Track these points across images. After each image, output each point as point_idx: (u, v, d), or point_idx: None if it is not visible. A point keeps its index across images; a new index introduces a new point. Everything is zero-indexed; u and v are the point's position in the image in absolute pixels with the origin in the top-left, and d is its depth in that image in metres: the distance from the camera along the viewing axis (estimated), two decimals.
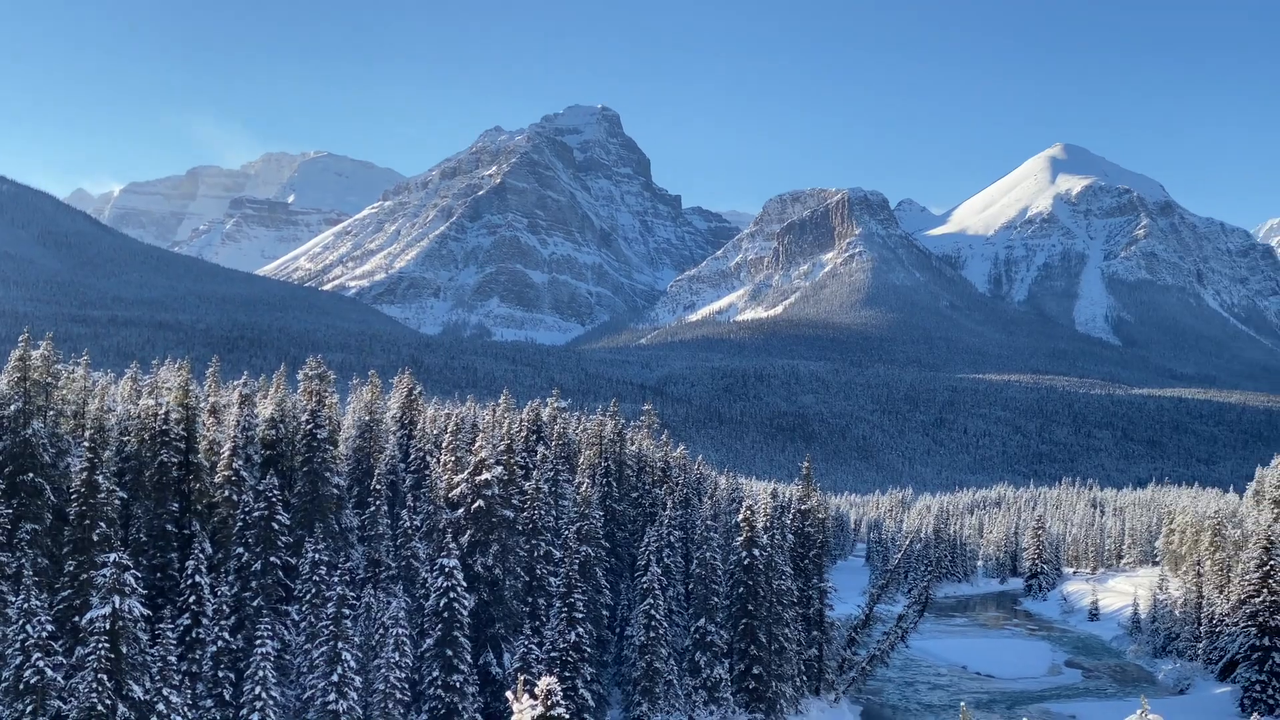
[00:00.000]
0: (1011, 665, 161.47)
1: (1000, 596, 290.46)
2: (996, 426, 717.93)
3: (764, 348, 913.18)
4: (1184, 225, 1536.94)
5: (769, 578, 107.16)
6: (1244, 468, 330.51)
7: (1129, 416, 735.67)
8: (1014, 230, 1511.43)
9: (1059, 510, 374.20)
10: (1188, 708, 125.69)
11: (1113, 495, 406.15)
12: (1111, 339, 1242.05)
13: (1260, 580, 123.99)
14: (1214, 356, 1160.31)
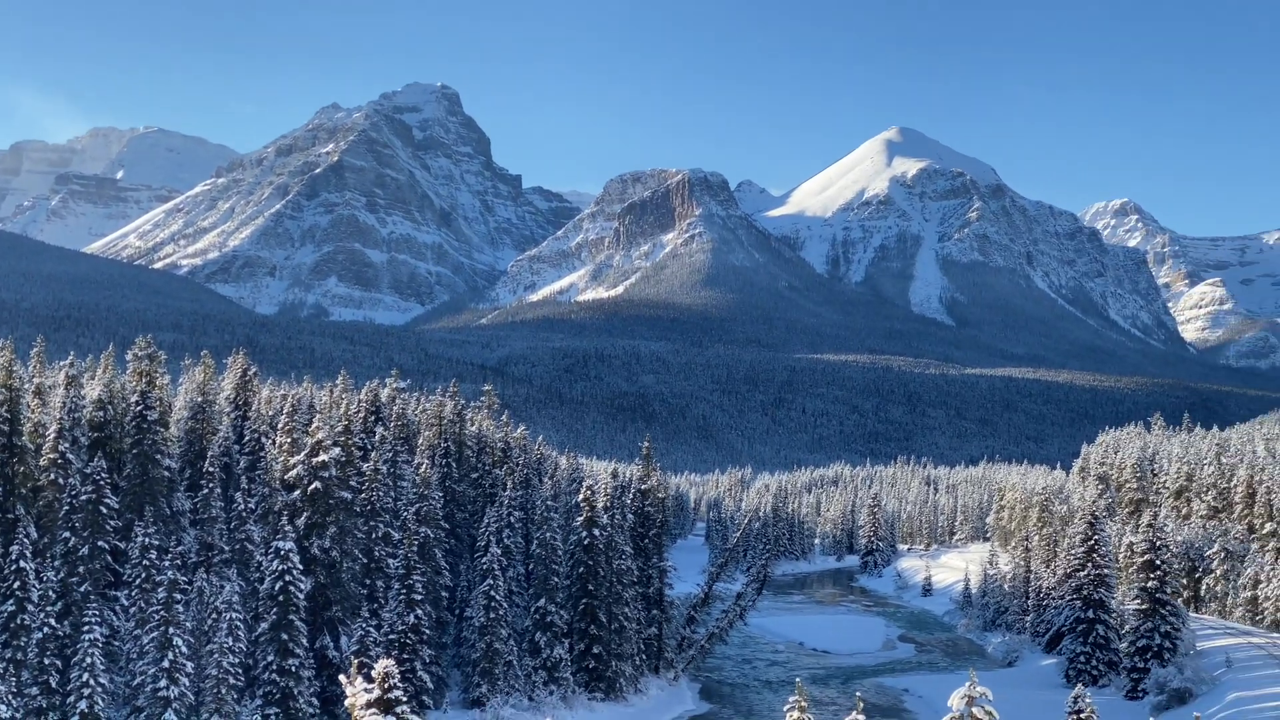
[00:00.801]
0: (847, 641, 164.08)
1: (837, 573, 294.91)
2: (834, 406, 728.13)
3: (605, 328, 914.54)
4: (1015, 208, 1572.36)
5: (609, 557, 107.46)
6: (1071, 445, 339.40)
7: (962, 395, 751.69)
8: (851, 212, 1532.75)
9: (894, 488, 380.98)
10: (1015, 679, 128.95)
11: (946, 473, 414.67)
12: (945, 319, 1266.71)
13: (1085, 554, 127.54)
14: (1043, 337, 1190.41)
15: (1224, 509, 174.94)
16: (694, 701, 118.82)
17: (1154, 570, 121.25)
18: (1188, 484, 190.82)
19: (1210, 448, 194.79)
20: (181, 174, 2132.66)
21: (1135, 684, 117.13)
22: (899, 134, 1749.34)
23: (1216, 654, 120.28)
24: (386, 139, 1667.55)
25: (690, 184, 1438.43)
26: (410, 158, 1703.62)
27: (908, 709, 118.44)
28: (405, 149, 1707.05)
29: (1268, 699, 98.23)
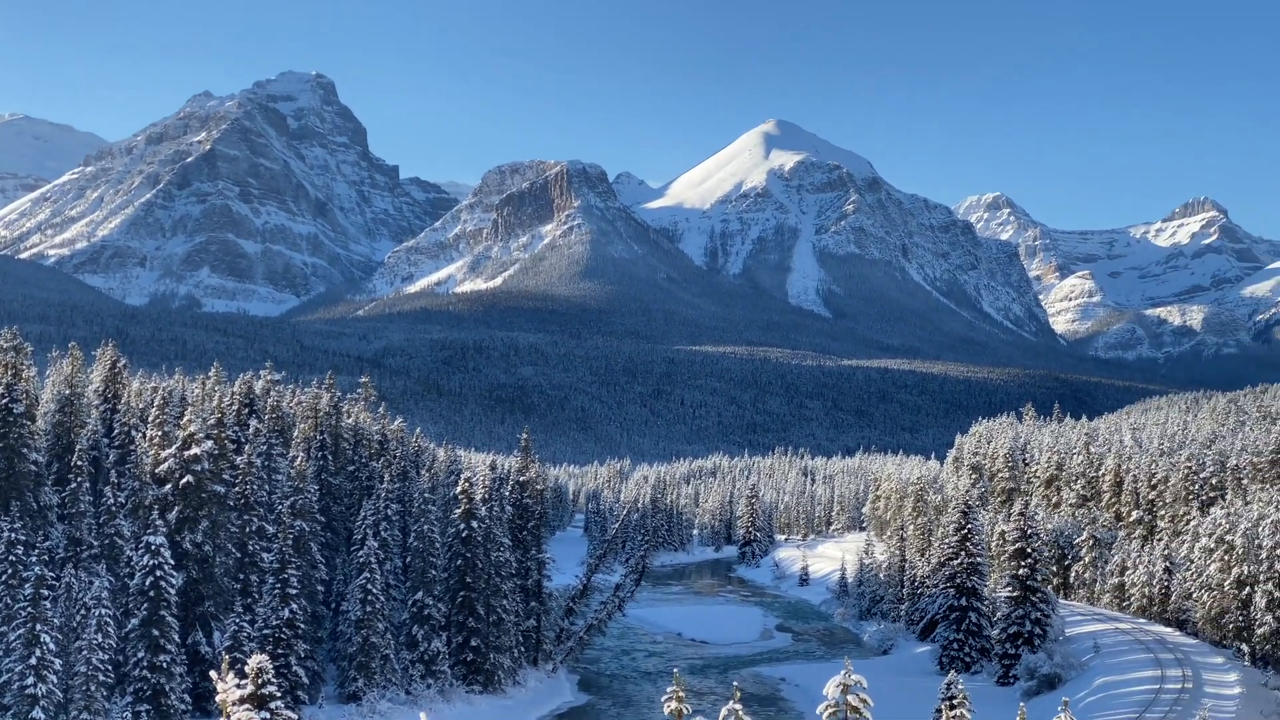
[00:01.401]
0: (725, 631, 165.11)
1: (715, 564, 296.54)
2: (712, 397, 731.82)
3: (483, 320, 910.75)
4: (890, 201, 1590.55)
5: (487, 550, 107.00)
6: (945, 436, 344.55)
7: (839, 387, 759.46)
8: (729, 204, 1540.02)
9: (772, 479, 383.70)
10: (890, 667, 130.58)
11: (823, 463, 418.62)
12: (823, 311, 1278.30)
13: (959, 543, 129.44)
14: (918, 328, 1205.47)
15: (1093, 497, 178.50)
16: (572, 693, 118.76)
17: (1025, 558, 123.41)
18: (1058, 473, 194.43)
19: (1079, 437, 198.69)
20: (48, 162, 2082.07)
21: (1007, 670, 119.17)
22: (776, 127, 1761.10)
23: (1085, 640, 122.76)
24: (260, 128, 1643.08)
25: (569, 175, 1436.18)
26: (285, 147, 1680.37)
27: (785, 698, 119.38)
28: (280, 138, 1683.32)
29: (1133, 683, 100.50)
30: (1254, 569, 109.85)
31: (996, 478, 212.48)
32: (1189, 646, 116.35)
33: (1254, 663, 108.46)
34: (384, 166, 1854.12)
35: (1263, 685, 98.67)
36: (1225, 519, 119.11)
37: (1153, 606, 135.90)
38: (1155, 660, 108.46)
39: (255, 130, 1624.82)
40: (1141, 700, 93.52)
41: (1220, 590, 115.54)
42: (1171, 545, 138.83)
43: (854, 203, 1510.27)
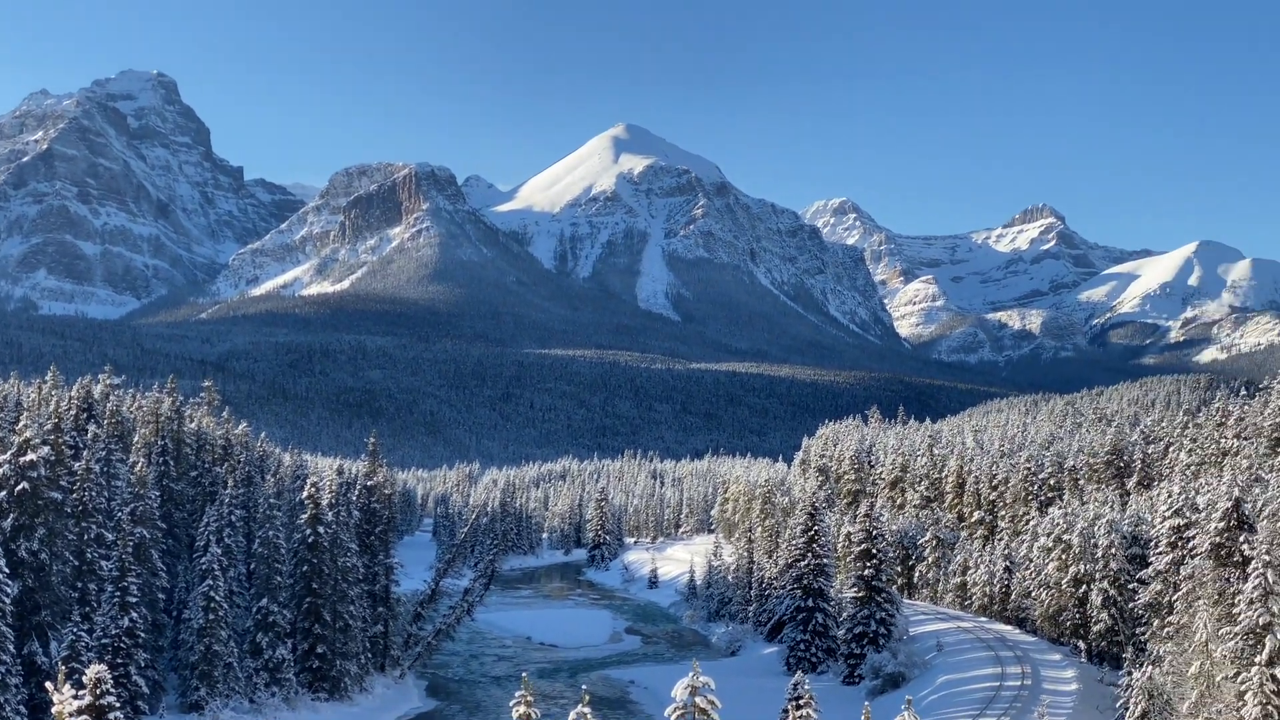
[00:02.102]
0: (574, 634, 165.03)
1: (565, 567, 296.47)
2: (562, 401, 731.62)
3: (330, 323, 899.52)
4: (739, 206, 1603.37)
5: (334, 555, 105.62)
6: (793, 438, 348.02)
7: (688, 390, 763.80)
8: (579, 208, 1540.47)
9: (621, 482, 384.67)
10: (738, 668, 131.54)
11: (672, 466, 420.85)
12: (672, 315, 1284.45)
13: (806, 545, 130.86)
14: (766, 332, 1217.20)
15: (936, 498, 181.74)
16: (420, 699, 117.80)
17: (870, 559, 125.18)
18: (902, 475, 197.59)
19: (923, 440, 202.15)
20: None
21: (852, 669, 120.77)
22: (625, 131, 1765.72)
23: (929, 638, 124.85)
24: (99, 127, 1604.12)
25: (417, 178, 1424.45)
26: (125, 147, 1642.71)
27: (633, 700, 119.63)
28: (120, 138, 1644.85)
29: (974, 680, 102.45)
30: (1090, 568, 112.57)
31: (843, 479, 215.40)
32: (1028, 644, 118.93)
33: (1090, 659, 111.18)
34: (228, 168, 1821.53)
35: (1098, 681, 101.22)
36: (1063, 519, 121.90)
37: (994, 605, 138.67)
38: (996, 658, 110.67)
39: (94, 130, 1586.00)
40: (983, 697, 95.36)
41: (1058, 589, 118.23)
42: (1012, 545, 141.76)
43: (703, 207, 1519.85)
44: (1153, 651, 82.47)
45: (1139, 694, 73.56)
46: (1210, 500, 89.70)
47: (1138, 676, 75.47)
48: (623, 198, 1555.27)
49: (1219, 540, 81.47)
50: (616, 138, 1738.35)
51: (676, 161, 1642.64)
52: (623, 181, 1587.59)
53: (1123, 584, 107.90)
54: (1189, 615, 73.85)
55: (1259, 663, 53.54)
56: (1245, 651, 56.13)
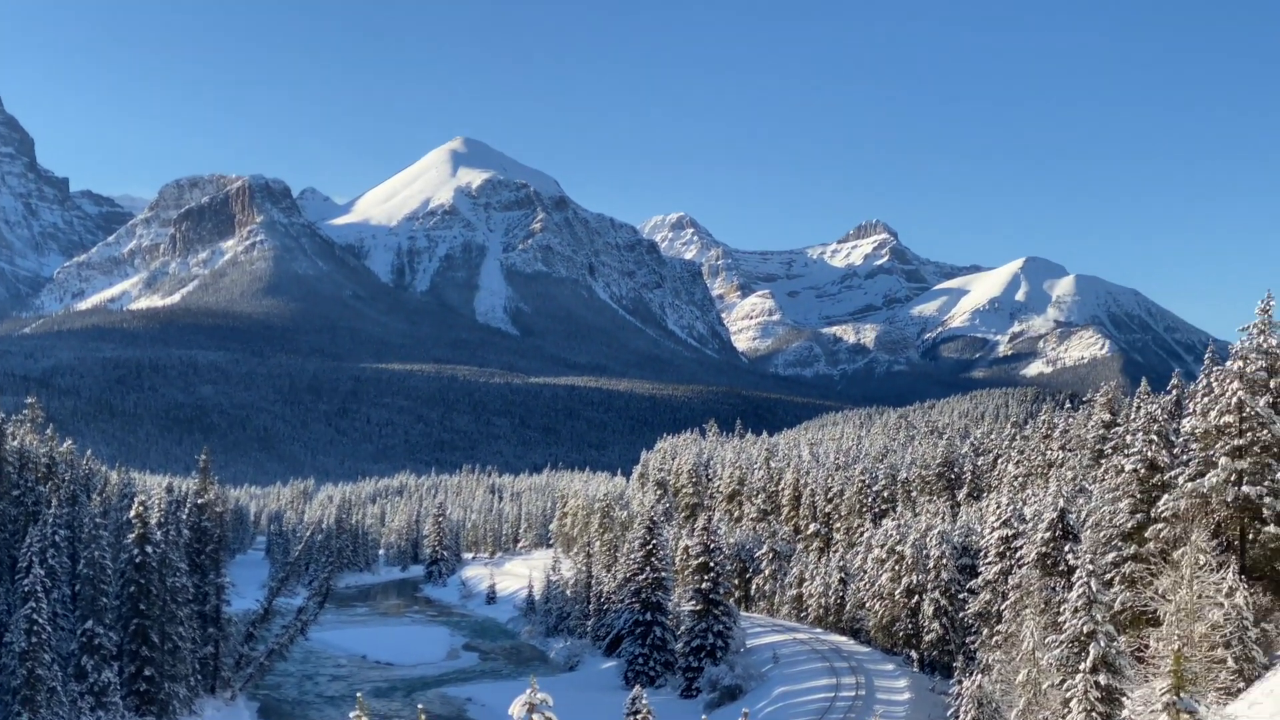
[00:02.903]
0: (411, 652, 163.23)
1: (402, 584, 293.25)
2: (400, 415, 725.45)
3: (160, 337, 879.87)
4: (577, 220, 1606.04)
5: (163, 575, 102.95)
6: (631, 452, 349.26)
7: (526, 404, 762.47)
8: (417, 221, 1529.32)
9: (460, 497, 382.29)
10: (576, 683, 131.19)
11: (511, 481, 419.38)
12: (510, 329, 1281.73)
13: (644, 559, 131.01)
14: (604, 346, 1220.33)
15: (773, 511, 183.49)
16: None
17: (708, 572, 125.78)
18: (740, 488, 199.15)
19: (760, 453, 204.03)
20: None
21: (690, 683, 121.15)
22: (464, 144, 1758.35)
23: (765, 650, 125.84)
24: None
25: (251, 190, 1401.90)
26: None
27: (471, 717, 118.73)
28: None
29: (809, 692, 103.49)
30: (922, 578, 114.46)
31: (681, 493, 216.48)
32: (863, 654, 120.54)
33: (922, 668, 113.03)
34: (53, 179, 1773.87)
35: (930, 690, 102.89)
36: (896, 530, 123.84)
37: (829, 616, 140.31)
38: (831, 669, 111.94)
39: None
40: (818, 708, 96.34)
41: (891, 599, 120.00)
42: (847, 556, 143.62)
43: (541, 221, 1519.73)
44: (982, 660, 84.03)
45: (969, 702, 74.79)
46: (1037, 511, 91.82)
47: (968, 685, 76.76)
48: (461, 211, 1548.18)
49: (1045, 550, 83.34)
50: (455, 151, 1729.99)
51: (515, 175, 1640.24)
52: (461, 195, 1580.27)
53: (953, 594, 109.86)
54: (1017, 624, 75.34)
55: (1083, 670, 54.67)
56: (1070, 659, 57.31)
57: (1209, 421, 62.95)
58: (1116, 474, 76.64)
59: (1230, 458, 60.74)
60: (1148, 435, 72.41)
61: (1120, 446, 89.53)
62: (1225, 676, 49.81)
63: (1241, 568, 59.54)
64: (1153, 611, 57.15)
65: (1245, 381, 61.83)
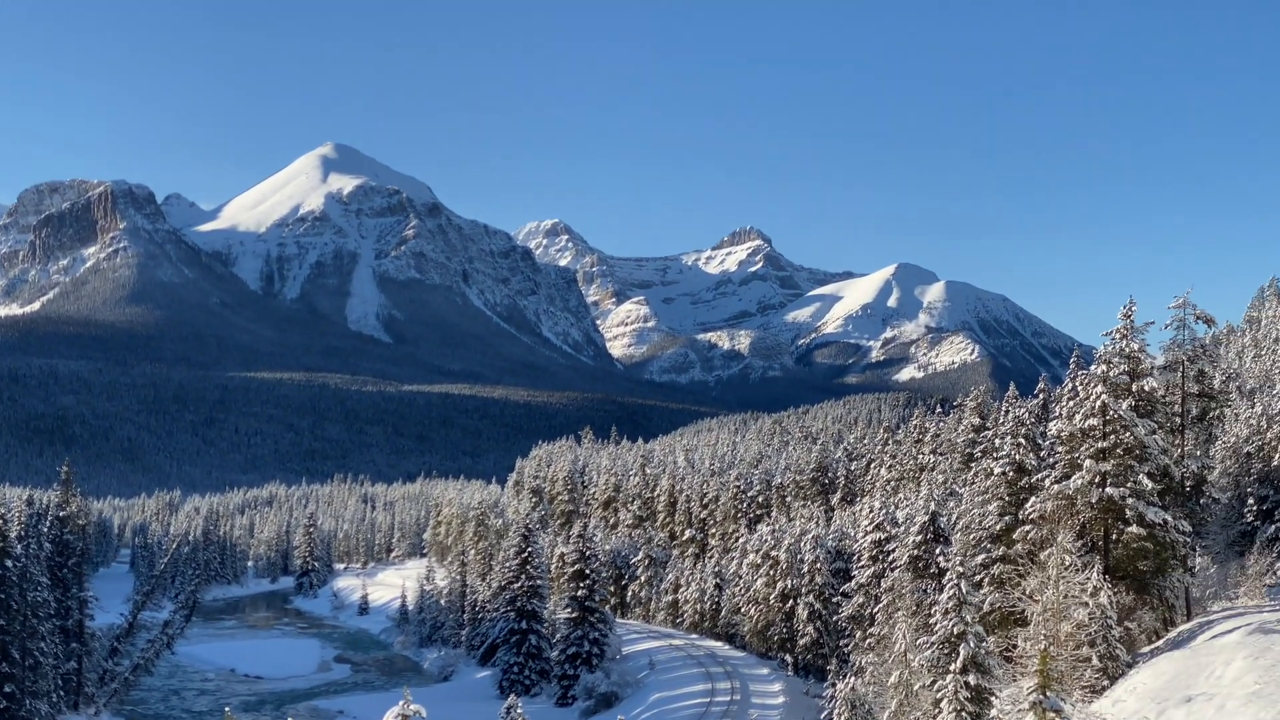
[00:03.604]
0: (281, 665, 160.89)
1: (272, 596, 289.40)
2: (269, 425, 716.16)
3: (19, 346, 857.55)
4: (451, 227, 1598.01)
5: (23, 590, 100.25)
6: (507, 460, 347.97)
7: (400, 412, 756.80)
8: (286, 228, 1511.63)
9: (331, 506, 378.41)
10: (451, 694, 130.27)
11: (384, 490, 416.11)
12: (383, 336, 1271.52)
13: (519, 566, 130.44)
14: (479, 353, 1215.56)
15: (649, 517, 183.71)
16: None
17: (584, 579, 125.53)
18: (616, 494, 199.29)
19: (636, 459, 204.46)
20: None
21: (566, 691, 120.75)
22: (334, 150, 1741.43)
23: (641, 657, 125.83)
24: None
25: (114, 196, 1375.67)
26: None
27: None
28: None
29: (685, 698, 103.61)
30: (797, 582, 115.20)
31: (557, 500, 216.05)
32: (738, 659, 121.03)
33: (796, 672, 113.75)
34: None
35: (804, 694, 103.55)
36: (771, 535, 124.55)
37: (705, 622, 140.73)
38: (707, 674, 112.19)
39: None
40: (693, 714, 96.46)
41: (766, 604, 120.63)
42: (722, 562, 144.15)
43: (414, 228, 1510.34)
44: (855, 662, 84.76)
45: (842, 705, 75.35)
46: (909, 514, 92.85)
47: (841, 687, 77.33)
48: (332, 218, 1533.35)
49: (916, 553, 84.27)
50: (325, 157, 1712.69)
51: (387, 181, 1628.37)
52: (332, 201, 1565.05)
53: (828, 598, 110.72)
54: (889, 626, 76.10)
55: (953, 670, 55.26)
56: (941, 660, 57.92)
57: (1074, 425, 63.95)
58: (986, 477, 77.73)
59: (1095, 460, 61.75)
60: (1015, 439, 73.51)
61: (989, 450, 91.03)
62: (1090, 675, 50.56)
63: (1105, 568, 60.55)
64: (1021, 612, 57.88)
65: (1109, 385, 62.91)
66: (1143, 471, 61.53)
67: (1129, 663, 55.27)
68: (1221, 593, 74.21)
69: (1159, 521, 61.17)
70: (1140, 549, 62.01)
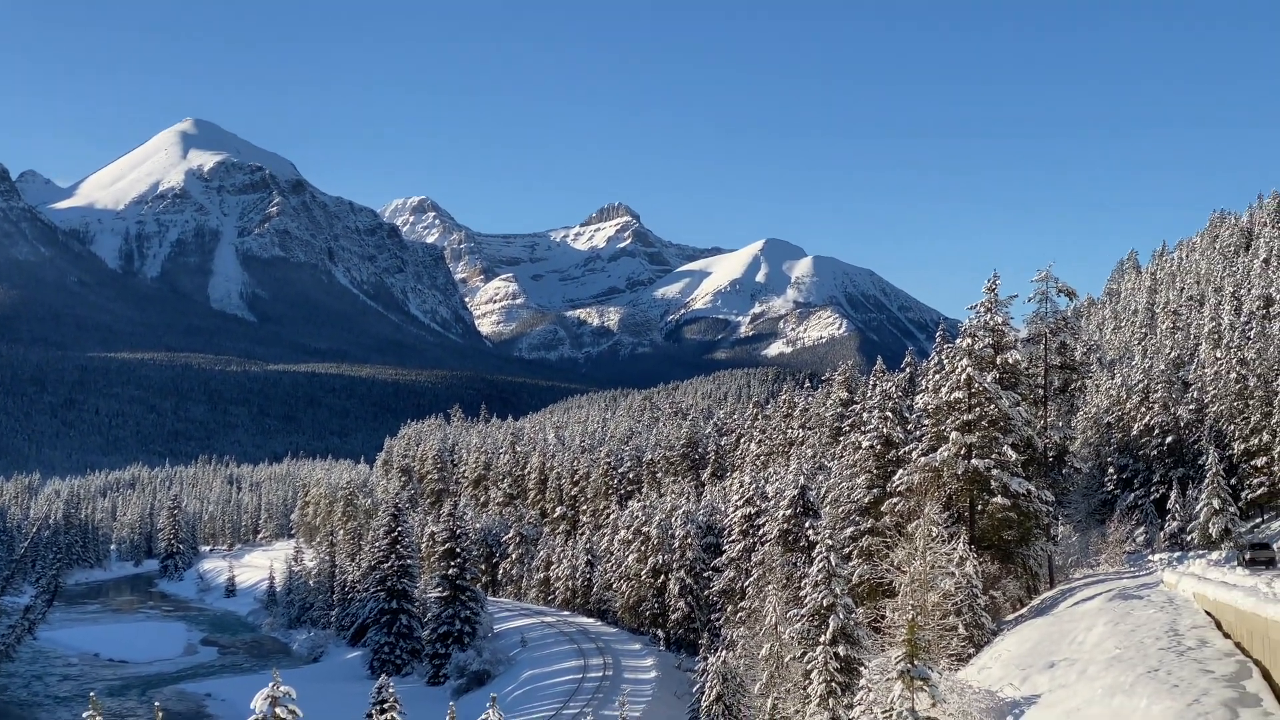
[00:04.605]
0: (146, 649, 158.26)
1: (136, 579, 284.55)
2: (131, 406, 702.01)
3: None
4: (315, 204, 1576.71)
5: None
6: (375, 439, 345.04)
7: (265, 392, 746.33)
8: (146, 205, 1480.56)
9: (196, 488, 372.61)
10: (320, 674, 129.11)
11: (250, 471, 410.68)
12: (247, 315, 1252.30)
13: (389, 546, 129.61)
14: (346, 332, 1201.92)
15: (519, 495, 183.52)
16: None
17: (454, 558, 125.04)
18: (486, 473, 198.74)
19: (506, 437, 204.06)
20: None
21: (438, 669, 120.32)
22: (195, 126, 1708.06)
23: (513, 635, 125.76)
24: None
25: None
26: None
27: (211, 714, 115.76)
28: None
29: (557, 674, 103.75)
30: (668, 558, 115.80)
31: (426, 479, 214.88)
32: (610, 635, 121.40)
33: (668, 647, 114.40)
34: None
35: (676, 668, 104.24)
36: (642, 511, 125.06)
37: (577, 598, 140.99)
38: (579, 650, 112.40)
39: None
40: (566, 690, 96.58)
41: (638, 580, 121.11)
42: (593, 539, 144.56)
43: (278, 205, 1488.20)
44: (727, 636, 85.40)
45: (714, 678, 75.91)
46: (778, 489, 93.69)
47: (713, 661, 77.89)
48: (193, 195, 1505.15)
49: (786, 526, 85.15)
50: (185, 133, 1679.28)
51: (249, 158, 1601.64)
52: (192, 178, 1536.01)
53: (699, 572, 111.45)
54: (760, 600, 76.78)
55: (823, 642, 55.91)
56: (811, 632, 58.55)
57: (940, 397, 64.93)
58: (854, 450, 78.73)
59: (960, 432, 62.75)
60: (883, 412, 74.48)
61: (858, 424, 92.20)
62: (957, 643, 51.38)
63: (971, 538, 61.64)
64: (889, 583, 58.69)
65: (974, 358, 63.96)
66: (1007, 443, 62.68)
67: (994, 630, 56.33)
68: (1083, 560, 76.04)
69: (1023, 492, 62.39)
70: (1005, 519, 63.21)
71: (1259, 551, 56.69)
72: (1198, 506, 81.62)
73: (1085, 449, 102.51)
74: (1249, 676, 31.82)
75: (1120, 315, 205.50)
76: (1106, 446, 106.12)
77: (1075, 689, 36.17)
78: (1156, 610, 44.83)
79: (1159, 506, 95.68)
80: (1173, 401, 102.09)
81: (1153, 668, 33.74)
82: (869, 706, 41.56)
